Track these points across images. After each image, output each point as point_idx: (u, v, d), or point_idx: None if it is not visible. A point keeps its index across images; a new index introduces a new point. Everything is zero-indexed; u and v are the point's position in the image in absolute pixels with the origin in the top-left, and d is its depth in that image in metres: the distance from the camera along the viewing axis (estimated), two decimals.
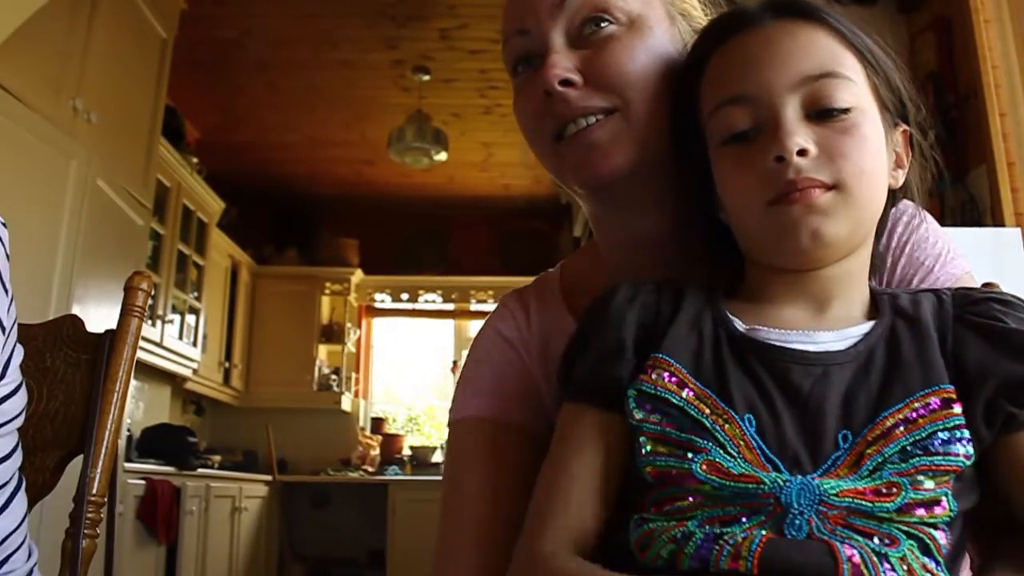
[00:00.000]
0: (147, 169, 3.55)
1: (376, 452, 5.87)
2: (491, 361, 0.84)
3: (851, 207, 0.64)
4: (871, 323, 0.66)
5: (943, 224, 2.70)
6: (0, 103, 2.46)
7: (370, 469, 5.73)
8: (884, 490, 0.56)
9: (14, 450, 0.87)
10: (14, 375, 0.86)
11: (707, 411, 0.61)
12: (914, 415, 0.59)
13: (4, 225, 0.81)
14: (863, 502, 0.56)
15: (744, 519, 0.57)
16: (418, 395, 6.91)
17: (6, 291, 0.82)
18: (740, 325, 0.66)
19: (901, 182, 0.71)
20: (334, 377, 5.97)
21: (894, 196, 0.72)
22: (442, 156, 4.55)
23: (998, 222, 2.42)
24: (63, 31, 2.80)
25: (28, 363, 0.97)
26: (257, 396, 5.79)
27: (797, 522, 0.55)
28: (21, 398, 0.87)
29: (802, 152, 0.62)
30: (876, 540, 0.55)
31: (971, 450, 0.58)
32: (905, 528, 0.56)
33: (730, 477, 0.57)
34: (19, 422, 0.87)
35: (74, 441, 0.99)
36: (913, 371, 0.61)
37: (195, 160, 4.68)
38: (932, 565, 0.55)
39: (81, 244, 2.87)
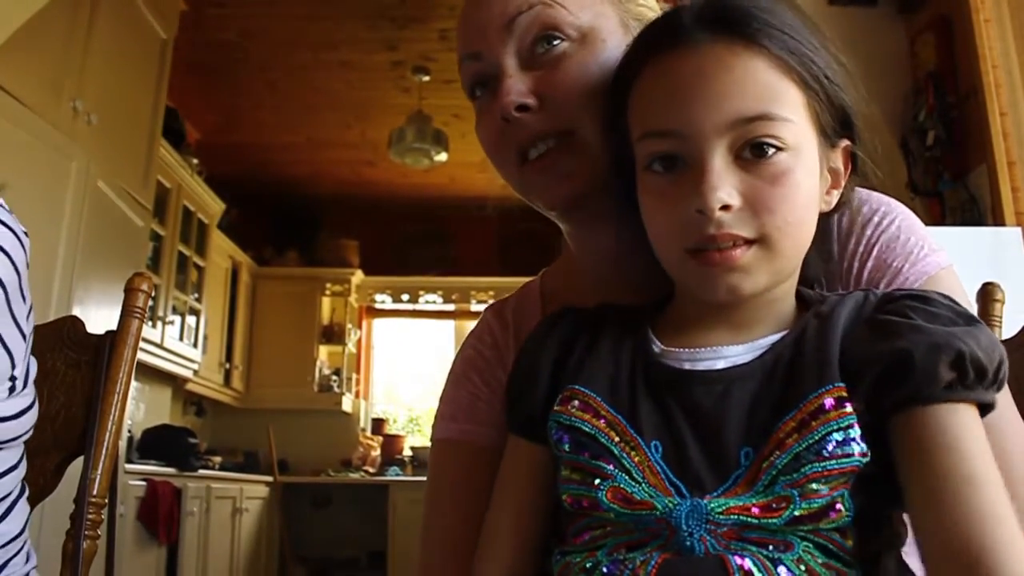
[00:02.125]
0: (147, 170, 3.56)
1: (377, 453, 5.87)
2: (468, 384, 0.86)
3: (772, 261, 0.62)
4: (783, 332, 0.64)
5: (943, 225, 2.69)
6: (0, 104, 2.46)
7: (371, 470, 5.73)
8: (774, 504, 0.56)
9: (19, 461, 0.87)
10: (31, 388, 0.86)
11: (616, 438, 0.62)
12: (807, 418, 0.57)
13: (25, 234, 0.82)
14: (748, 518, 0.56)
15: (646, 544, 0.58)
16: (419, 396, 6.90)
17: (24, 299, 0.82)
18: (657, 347, 0.66)
19: (834, 203, 0.69)
20: (335, 378, 5.97)
21: (830, 212, 0.69)
22: (442, 157, 4.55)
23: (998, 221, 2.42)
24: (63, 32, 2.80)
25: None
26: (258, 397, 5.79)
27: (689, 543, 0.56)
28: (34, 414, 0.87)
29: (725, 207, 0.60)
30: (771, 547, 0.56)
31: (865, 447, 0.56)
32: (800, 534, 0.56)
33: (631, 505, 0.59)
34: (28, 435, 0.87)
35: (75, 442, 0.99)
36: (809, 372, 0.60)
37: (195, 161, 4.68)
38: (835, 563, 0.56)
39: (81, 245, 2.87)
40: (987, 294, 0.94)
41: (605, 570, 0.58)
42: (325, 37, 4.10)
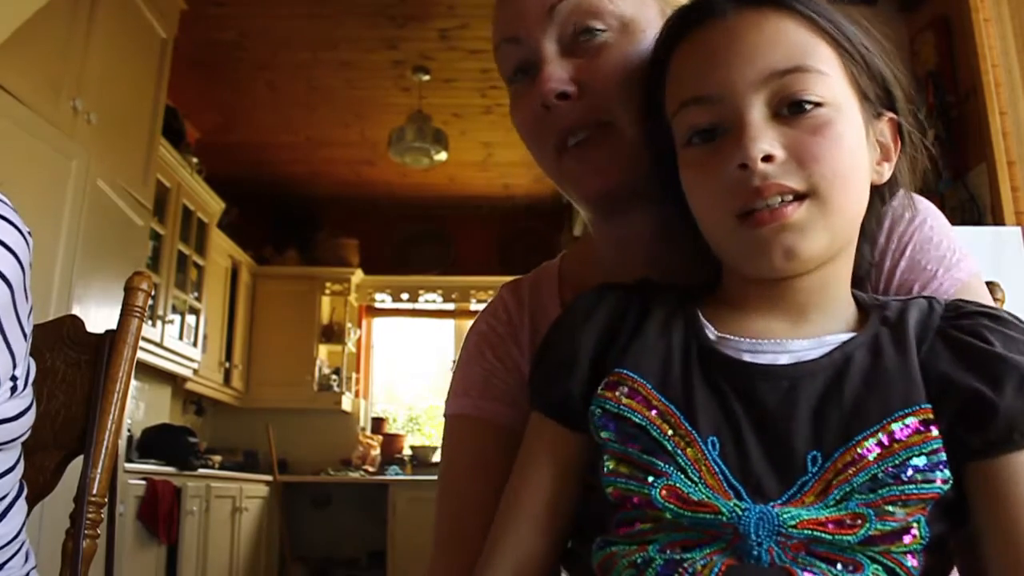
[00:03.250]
0: (147, 169, 3.55)
1: (377, 452, 5.87)
2: (482, 360, 0.84)
3: (827, 216, 0.59)
4: (853, 333, 0.62)
5: None
6: (0, 103, 2.46)
7: (371, 469, 5.73)
8: (848, 521, 0.54)
9: (17, 462, 0.87)
10: (30, 389, 0.86)
11: (670, 432, 0.58)
12: (888, 440, 0.55)
13: (29, 234, 0.82)
14: (823, 534, 0.53)
15: (705, 545, 0.55)
16: (418, 395, 6.90)
17: (27, 298, 0.82)
18: (712, 333, 0.63)
19: (887, 176, 0.66)
20: (334, 377, 5.97)
21: (883, 193, 0.68)
22: (442, 156, 4.54)
23: (998, 221, 2.42)
24: (63, 31, 2.80)
25: None
26: (257, 396, 5.78)
27: (755, 552, 0.54)
28: (32, 415, 0.87)
29: (768, 158, 0.58)
30: (839, 566, 0.54)
31: (949, 474, 0.55)
32: (870, 554, 0.54)
33: (689, 505, 0.55)
34: (26, 436, 0.87)
35: (74, 441, 0.99)
36: (893, 387, 0.57)
37: (195, 160, 4.67)
38: None
39: (81, 244, 2.87)
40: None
41: (659, 568, 0.56)
42: (325, 36, 4.10)
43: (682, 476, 0.56)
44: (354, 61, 4.34)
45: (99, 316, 2.85)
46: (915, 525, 0.55)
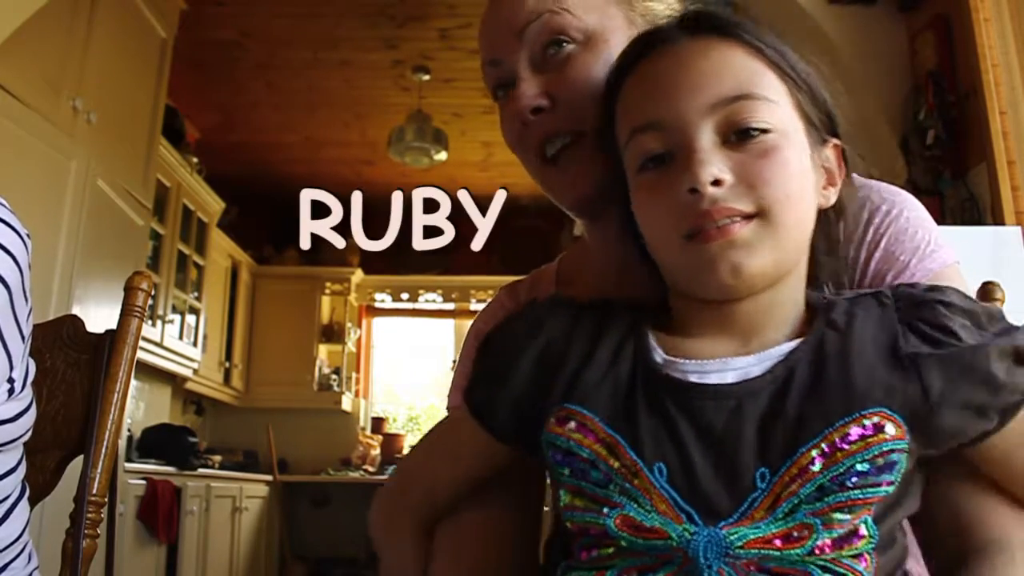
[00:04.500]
0: (147, 169, 3.55)
1: (377, 452, 5.87)
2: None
3: (774, 236, 0.60)
4: (796, 341, 0.62)
5: (943, 223, 2.69)
6: (0, 103, 2.46)
7: (371, 469, 5.73)
8: (795, 534, 0.55)
9: (19, 463, 0.87)
10: (29, 390, 0.86)
11: (616, 464, 0.59)
12: (831, 449, 0.56)
13: (28, 237, 0.82)
14: (771, 551, 0.55)
15: (659, 570, 0.57)
16: (418, 395, 6.91)
17: (26, 300, 0.82)
18: (660, 356, 0.64)
19: (833, 200, 0.68)
20: (334, 377, 5.97)
21: (830, 216, 0.69)
22: (442, 156, 4.54)
23: (998, 221, 2.42)
24: (63, 31, 2.80)
25: None
26: (257, 396, 5.78)
27: (706, 574, 0.55)
28: (31, 416, 0.87)
29: (717, 182, 0.59)
30: None
31: (897, 477, 0.56)
32: (820, 564, 0.55)
33: (641, 532, 0.57)
34: (26, 437, 0.87)
35: (74, 441, 0.99)
36: (833, 396, 0.58)
37: (195, 160, 4.67)
38: None
39: (81, 244, 2.87)
40: (987, 293, 0.94)
41: None
42: (324, 36, 4.10)
43: (635, 505, 0.58)
44: (354, 61, 4.34)
45: (99, 316, 2.85)
46: (862, 526, 0.56)
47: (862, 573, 0.56)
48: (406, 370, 6.94)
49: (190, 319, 4.81)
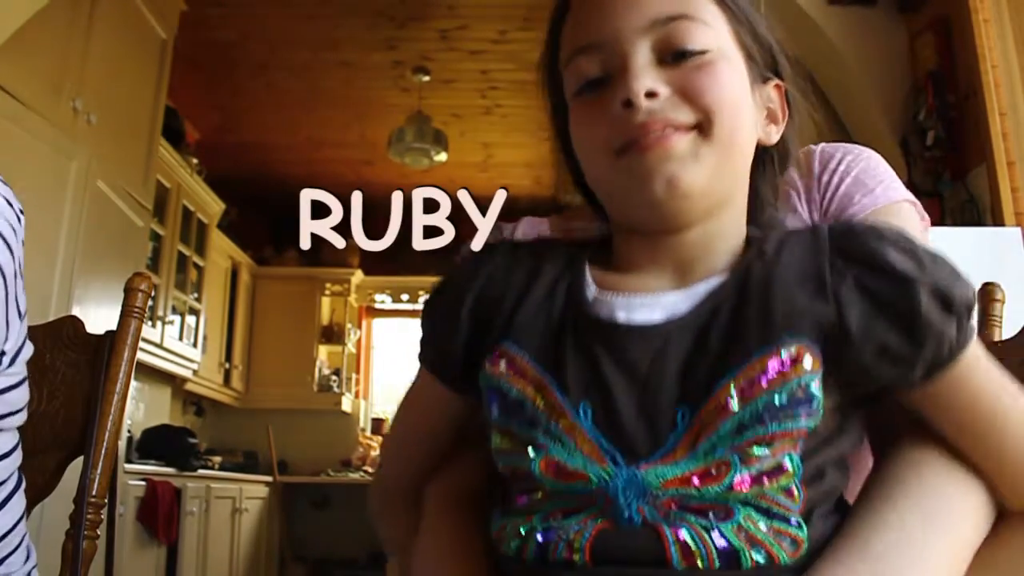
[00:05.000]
0: (147, 170, 3.55)
1: (376, 453, 5.86)
2: None
3: (712, 149, 0.59)
4: (725, 275, 0.60)
5: (943, 224, 2.70)
6: (0, 104, 2.46)
7: (370, 470, 5.73)
8: (713, 471, 0.54)
9: (14, 448, 0.86)
10: (20, 367, 0.85)
11: (541, 404, 0.58)
12: (748, 384, 0.54)
13: (22, 212, 0.82)
14: (688, 489, 0.54)
15: (581, 511, 0.56)
16: None
17: (21, 276, 0.82)
18: (591, 292, 0.62)
19: (775, 138, 0.66)
20: (334, 378, 5.97)
21: (773, 158, 0.68)
22: (442, 157, 4.55)
23: (998, 222, 2.42)
24: (63, 32, 2.80)
25: (29, 364, 0.97)
26: (257, 397, 5.78)
27: (626, 514, 0.54)
28: (24, 392, 0.86)
29: (652, 94, 0.58)
30: (711, 515, 0.54)
31: (818, 408, 0.55)
32: (741, 499, 0.54)
33: (563, 476, 0.56)
34: (20, 418, 0.87)
35: (74, 442, 0.99)
36: (752, 330, 0.56)
37: (195, 161, 4.68)
38: (779, 524, 0.54)
39: (81, 245, 2.87)
40: (987, 294, 0.94)
41: (540, 537, 0.57)
42: (325, 37, 4.10)
43: (559, 447, 0.57)
44: (354, 61, 4.34)
45: (99, 317, 2.85)
46: (786, 460, 0.55)
47: (787, 505, 0.55)
48: (406, 371, 6.94)
49: (190, 320, 4.81)
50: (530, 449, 0.58)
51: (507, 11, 3.86)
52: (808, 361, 0.55)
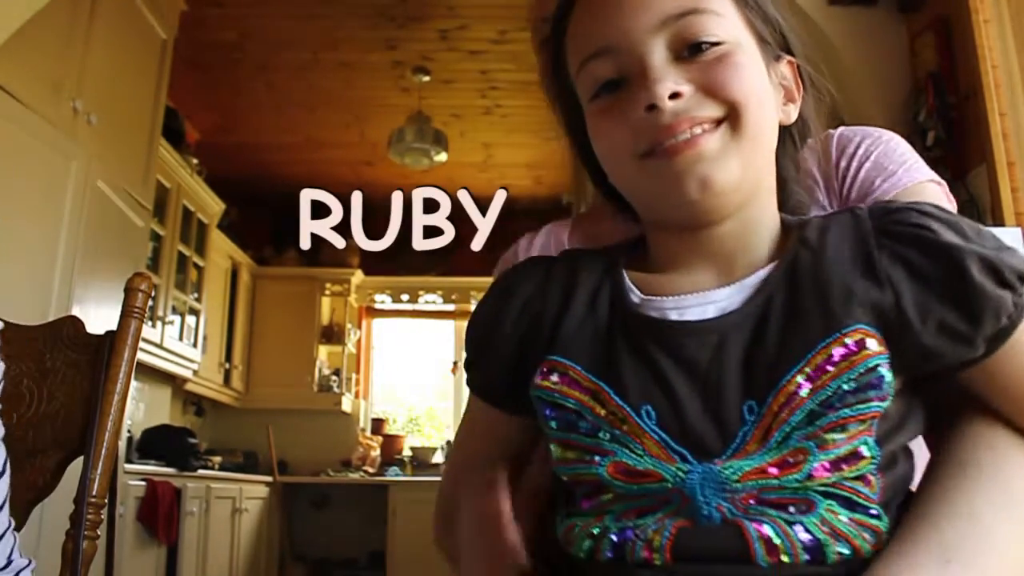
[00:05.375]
0: (147, 170, 3.55)
1: (376, 453, 5.86)
2: None
3: (741, 144, 0.58)
4: (771, 265, 0.60)
5: None
6: (0, 104, 2.46)
7: (370, 470, 5.73)
8: (790, 459, 0.53)
9: None
10: None
11: (603, 412, 0.57)
12: (816, 373, 0.54)
13: None
14: (768, 480, 0.53)
15: (657, 510, 0.55)
16: (418, 396, 6.90)
17: None
18: (636, 296, 0.62)
19: (794, 117, 0.66)
20: (334, 378, 5.97)
21: (793, 135, 0.68)
22: (442, 157, 4.54)
23: (998, 222, 2.42)
24: (63, 32, 2.80)
25: (28, 364, 0.97)
26: (257, 397, 5.78)
27: (705, 511, 0.53)
28: None
29: (675, 95, 0.58)
30: (792, 509, 0.53)
31: (888, 390, 0.54)
32: (821, 489, 0.53)
33: (635, 478, 0.56)
34: None
35: (74, 442, 0.99)
36: (812, 319, 0.55)
37: (195, 161, 4.67)
38: (860, 516, 0.54)
39: (81, 245, 2.87)
40: None
41: (615, 538, 0.56)
42: (325, 37, 4.10)
43: (626, 451, 0.56)
44: (354, 62, 4.34)
45: (99, 317, 2.85)
46: (862, 447, 0.54)
47: (866, 495, 0.54)
48: (406, 371, 6.94)
49: (190, 320, 4.81)
50: (596, 457, 0.57)
51: (507, 11, 3.86)
52: (873, 344, 0.54)
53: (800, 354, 0.54)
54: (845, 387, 0.53)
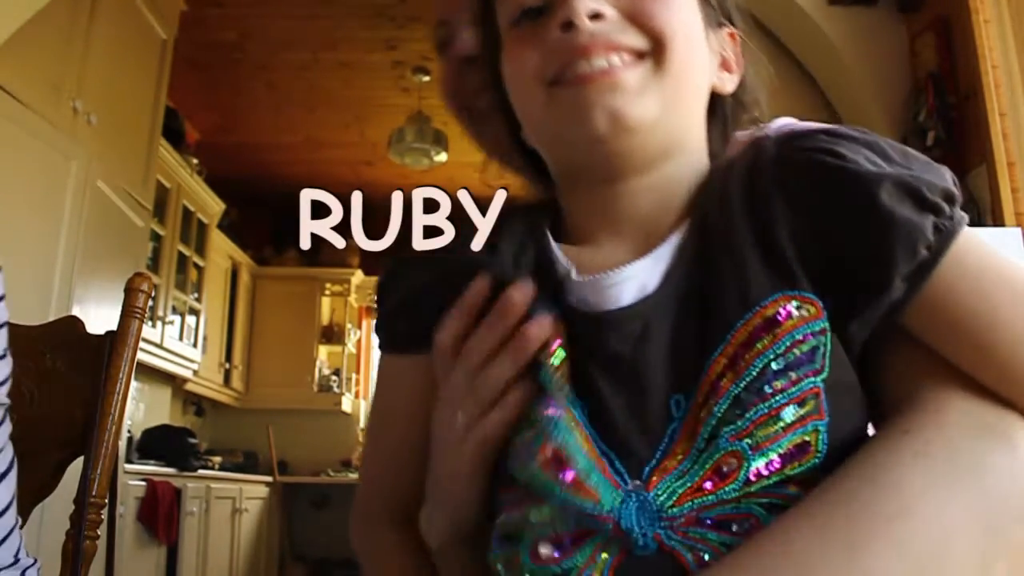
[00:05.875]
0: (147, 170, 3.55)
1: None
2: None
3: (663, 81, 0.52)
4: (683, 228, 0.53)
5: None
6: (0, 104, 2.46)
7: None
8: (724, 468, 0.46)
9: (1, 421, 0.81)
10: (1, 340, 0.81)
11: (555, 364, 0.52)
12: (738, 354, 0.47)
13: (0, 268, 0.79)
14: (704, 498, 0.46)
15: (585, 544, 0.48)
16: None
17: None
18: (562, 266, 0.55)
19: (729, 87, 0.60)
20: (334, 378, 5.97)
21: (726, 110, 0.61)
22: (442, 157, 4.54)
23: (998, 222, 2.42)
24: (63, 32, 2.80)
25: (28, 364, 0.97)
26: (257, 397, 5.78)
27: (641, 543, 0.47)
28: (6, 364, 0.81)
29: (596, 16, 0.51)
30: (735, 527, 0.46)
31: (826, 365, 0.47)
32: (765, 502, 0.46)
33: (570, 487, 0.48)
34: (3, 393, 0.81)
35: (75, 443, 0.99)
36: (728, 291, 0.49)
37: (195, 161, 4.68)
38: None
39: (81, 246, 2.87)
40: None
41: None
42: (325, 37, 4.10)
43: (565, 433, 0.50)
44: (354, 62, 4.34)
45: (99, 317, 2.85)
46: (810, 436, 0.46)
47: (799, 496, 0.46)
48: None
49: (190, 320, 4.81)
50: (549, 410, 0.50)
51: None
52: (797, 310, 0.48)
53: (721, 332, 0.48)
54: (774, 366, 0.47)
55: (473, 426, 0.53)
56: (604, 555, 0.47)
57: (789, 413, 0.46)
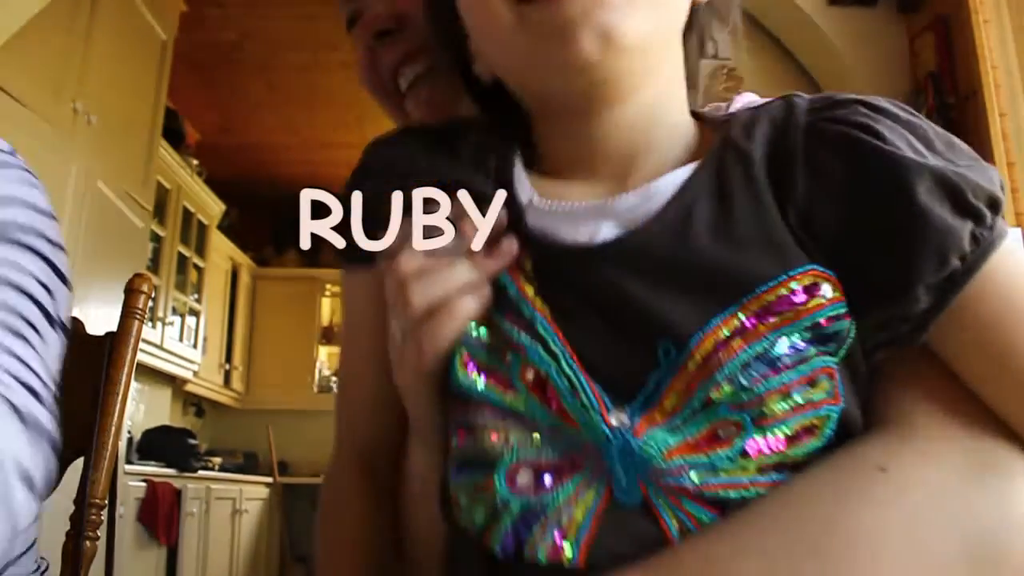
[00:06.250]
0: (147, 171, 3.55)
1: None
2: None
3: None
4: (690, 167, 0.47)
5: None
6: (0, 105, 2.46)
7: None
8: (721, 432, 0.41)
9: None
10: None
11: (530, 292, 0.47)
12: (755, 320, 0.41)
13: (54, 218, 0.82)
14: (697, 456, 0.41)
15: (567, 482, 0.43)
16: None
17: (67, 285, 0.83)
18: (526, 195, 0.50)
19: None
20: (335, 379, 5.97)
21: (702, 35, 0.55)
22: None
23: None
24: (63, 33, 2.80)
25: None
26: (258, 398, 5.78)
27: (624, 484, 0.42)
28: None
29: None
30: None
31: (842, 351, 0.43)
32: (763, 479, 0.41)
33: (557, 414, 0.43)
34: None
35: (75, 443, 0.99)
36: (752, 249, 0.43)
37: (195, 162, 4.68)
38: None
39: (81, 246, 2.87)
40: None
41: (515, 518, 0.44)
42: (325, 37, 4.10)
43: (542, 353, 0.45)
44: (354, 62, 4.33)
45: (99, 317, 2.85)
46: (820, 419, 0.42)
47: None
48: None
49: (190, 321, 4.81)
50: (516, 335, 0.45)
51: None
52: (828, 290, 0.43)
53: (735, 292, 0.42)
54: (794, 340, 0.42)
55: (408, 336, 0.49)
56: (590, 493, 0.42)
57: (801, 393, 0.42)
